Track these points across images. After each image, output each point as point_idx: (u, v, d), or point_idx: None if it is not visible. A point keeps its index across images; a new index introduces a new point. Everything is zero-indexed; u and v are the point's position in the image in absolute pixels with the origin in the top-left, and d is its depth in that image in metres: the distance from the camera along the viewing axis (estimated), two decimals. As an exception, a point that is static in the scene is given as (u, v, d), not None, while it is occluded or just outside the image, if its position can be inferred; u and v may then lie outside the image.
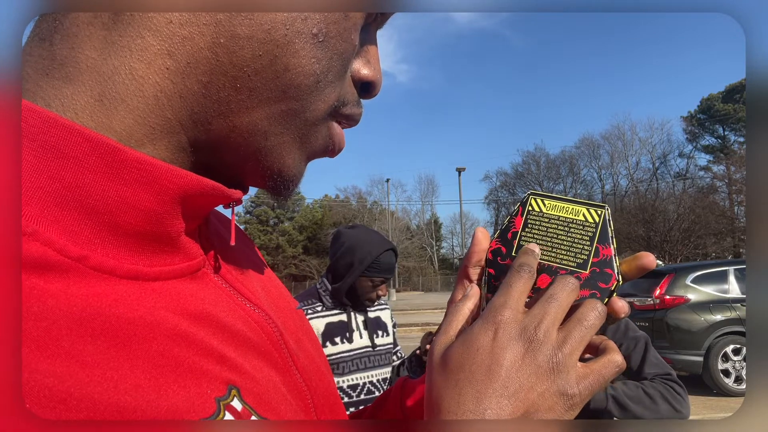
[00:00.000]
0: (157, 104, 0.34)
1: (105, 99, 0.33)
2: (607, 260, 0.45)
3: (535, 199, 0.50)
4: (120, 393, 0.28)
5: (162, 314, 0.33)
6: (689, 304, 6.72)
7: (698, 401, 6.24)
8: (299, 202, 46.78)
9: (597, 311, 0.40)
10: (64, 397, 0.26)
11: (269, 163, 0.39)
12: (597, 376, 0.38)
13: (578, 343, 0.38)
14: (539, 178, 52.02)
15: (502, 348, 0.38)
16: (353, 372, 1.93)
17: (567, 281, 0.41)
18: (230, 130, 0.37)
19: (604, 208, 0.47)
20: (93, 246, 0.32)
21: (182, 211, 0.35)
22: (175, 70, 0.34)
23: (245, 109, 0.36)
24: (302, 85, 0.37)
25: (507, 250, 0.48)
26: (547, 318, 0.39)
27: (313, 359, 0.49)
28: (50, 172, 0.31)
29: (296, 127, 0.39)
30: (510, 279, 0.42)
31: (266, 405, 0.37)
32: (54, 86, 0.33)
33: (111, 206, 0.32)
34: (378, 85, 0.45)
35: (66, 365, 0.26)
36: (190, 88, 0.35)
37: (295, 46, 0.36)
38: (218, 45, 0.34)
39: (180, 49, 0.34)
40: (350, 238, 1.98)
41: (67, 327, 0.28)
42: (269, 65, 0.36)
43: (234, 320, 0.39)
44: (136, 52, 0.33)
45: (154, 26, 0.33)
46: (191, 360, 0.33)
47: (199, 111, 0.36)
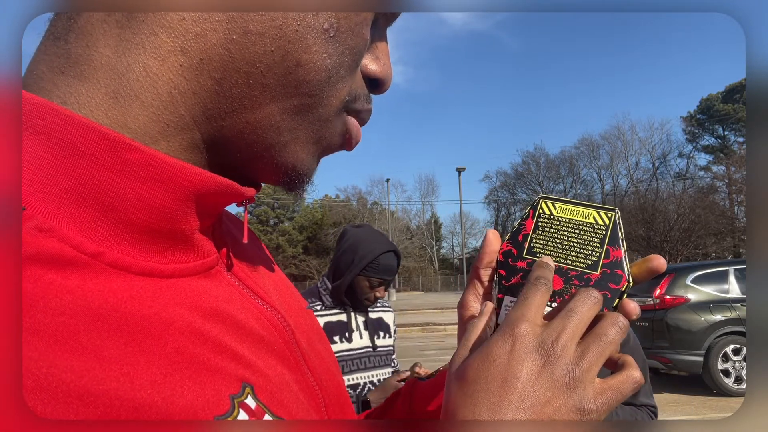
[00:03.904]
0: (171, 101, 0.35)
1: (119, 96, 0.34)
2: (617, 262, 0.45)
3: (545, 202, 0.50)
4: (136, 390, 0.28)
5: (177, 311, 0.33)
6: (689, 304, 6.71)
7: (698, 401, 6.24)
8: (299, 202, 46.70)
9: (618, 326, 0.39)
10: (82, 393, 0.26)
11: (283, 159, 0.40)
12: (615, 392, 0.37)
13: (596, 358, 0.38)
14: (539, 178, 52.00)
15: (519, 361, 0.37)
16: (353, 372, 1.93)
17: (589, 294, 0.40)
18: (243, 126, 0.37)
19: (615, 212, 0.48)
20: (109, 243, 0.32)
21: (196, 209, 0.36)
22: (189, 67, 0.34)
23: (258, 105, 0.37)
24: (314, 80, 0.37)
25: (518, 252, 0.48)
26: (566, 332, 0.38)
27: (323, 359, 0.49)
28: (66, 169, 0.31)
29: (309, 123, 0.39)
30: (527, 292, 0.42)
31: (279, 403, 0.37)
32: (69, 84, 0.34)
33: (126, 203, 0.32)
34: (387, 81, 0.45)
35: (84, 360, 0.27)
36: (204, 85, 0.35)
37: (306, 42, 0.36)
38: (231, 41, 0.34)
39: (193, 45, 0.34)
40: (354, 236, 1.98)
41: (85, 322, 0.28)
42: (281, 61, 0.36)
43: (247, 318, 0.39)
44: (150, 50, 0.34)
45: (167, 23, 0.34)
46: (206, 357, 0.33)
47: (213, 107, 0.36)
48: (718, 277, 6.90)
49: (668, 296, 6.78)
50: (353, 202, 52.16)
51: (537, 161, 52.95)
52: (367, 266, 1.91)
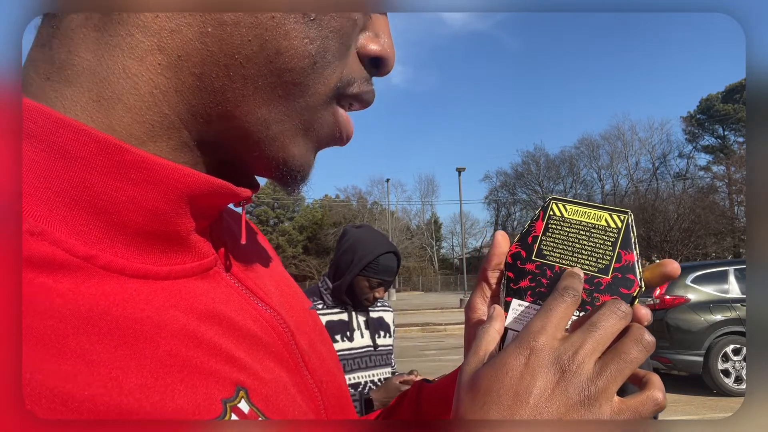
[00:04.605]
0: (154, 101, 0.34)
1: (102, 99, 0.33)
2: (629, 266, 0.44)
3: (556, 203, 0.49)
4: (124, 394, 0.28)
5: (171, 313, 0.33)
6: (689, 304, 6.71)
7: (698, 401, 6.23)
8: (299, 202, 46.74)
9: (641, 345, 0.37)
10: (66, 398, 0.25)
11: (273, 152, 0.38)
12: (633, 413, 0.36)
13: (615, 376, 0.36)
14: (539, 178, 51.98)
15: (533, 375, 0.36)
16: (354, 371, 1.93)
17: (615, 308, 0.38)
18: (230, 122, 0.36)
19: (627, 214, 0.47)
20: (102, 245, 0.32)
21: (191, 210, 0.35)
22: (167, 65, 0.34)
23: (242, 98, 0.36)
24: (297, 67, 0.36)
25: (527, 254, 0.47)
26: (585, 347, 0.36)
27: (324, 360, 0.48)
28: (58, 172, 0.31)
29: (297, 113, 0.38)
30: (551, 302, 0.40)
31: (274, 406, 0.36)
32: (55, 89, 0.33)
33: (119, 206, 0.32)
34: (389, 60, 0.42)
35: (71, 364, 0.26)
36: (185, 82, 0.34)
37: (285, 28, 0.35)
38: (206, 34, 0.34)
39: (169, 42, 0.33)
40: (354, 236, 1.98)
41: (74, 326, 0.28)
42: (260, 50, 0.34)
43: (245, 319, 0.39)
44: (128, 51, 0.33)
45: (142, 23, 0.33)
46: (199, 360, 0.33)
47: (197, 104, 0.35)
48: (718, 277, 6.90)
49: (668, 296, 6.78)
50: (353, 202, 52.14)
51: (537, 161, 52.93)
52: (367, 267, 1.92)
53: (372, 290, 1.97)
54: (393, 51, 0.42)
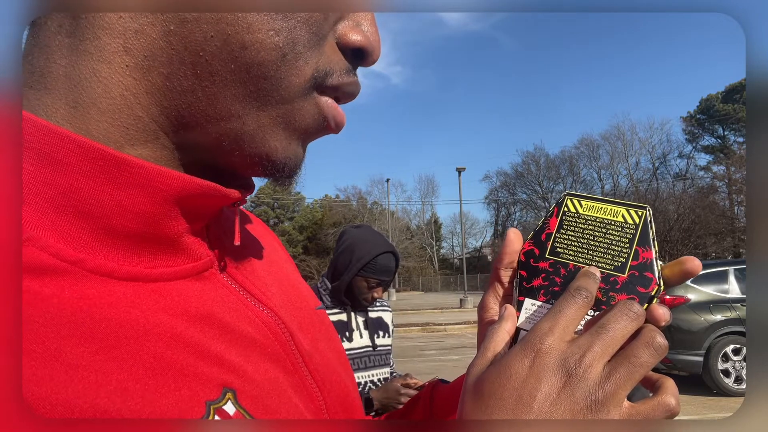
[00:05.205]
0: (125, 103, 0.34)
1: (78, 105, 0.33)
2: (647, 264, 0.42)
3: (571, 199, 0.47)
4: (101, 396, 0.28)
5: (159, 316, 0.33)
6: (689, 304, 6.71)
7: (698, 401, 6.24)
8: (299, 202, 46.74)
9: (652, 348, 0.35)
10: (38, 403, 0.26)
11: (253, 148, 0.37)
12: (643, 420, 0.34)
13: (624, 381, 0.34)
14: (539, 178, 51.99)
15: (538, 378, 0.35)
16: (354, 371, 1.93)
17: (627, 309, 0.37)
18: (204, 120, 0.35)
19: (646, 209, 0.45)
20: (90, 249, 0.32)
21: (182, 212, 0.35)
22: (135, 66, 0.34)
23: (213, 97, 0.35)
24: (265, 61, 0.34)
25: (540, 252, 0.46)
26: (593, 350, 0.35)
27: (328, 360, 0.48)
28: (45, 178, 0.31)
29: (272, 107, 0.36)
30: (562, 303, 0.38)
31: (264, 408, 0.36)
32: (37, 97, 0.34)
33: (106, 209, 0.32)
34: (372, 50, 0.40)
35: (49, 368, 0.27)
36: (154, 83, 0.34)
37: (246, 21, 0.34)
38: (170, 33, 0.33)
39: (135, 43, 0.33)
40: (352, 236, 1.99)
41: (55, 330, 0.28)
42: (224, 45, 0.33)
43: (239, 321, 0.39)
44: (96, 54, 0.33)
45: (107, 24, 0.33)
46: (185, 362, 0.33)
47: (169, 105, 0.35)
48: (718, 277, 6.90)
49: (668, 296, 6.78)
50: (353, 202, 52.14)
51: (537, 161, 52.94)
52: (365, 267, 1.92)
53: (370, 290, 1.97)
54: (377, 40, 0.40)
